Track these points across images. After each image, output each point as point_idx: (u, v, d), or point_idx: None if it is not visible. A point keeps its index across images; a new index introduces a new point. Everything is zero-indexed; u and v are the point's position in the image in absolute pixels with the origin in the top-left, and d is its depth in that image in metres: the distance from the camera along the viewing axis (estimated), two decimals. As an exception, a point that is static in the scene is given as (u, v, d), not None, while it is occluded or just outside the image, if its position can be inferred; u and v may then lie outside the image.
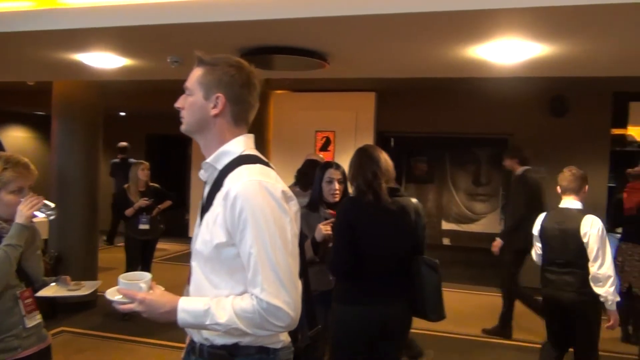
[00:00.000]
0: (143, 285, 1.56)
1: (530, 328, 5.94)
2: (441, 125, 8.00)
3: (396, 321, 2.73)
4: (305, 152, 5.80)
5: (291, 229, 1.54)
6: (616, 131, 7.32)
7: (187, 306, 1.51)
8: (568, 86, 7.15)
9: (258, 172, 1.53)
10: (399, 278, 2.74)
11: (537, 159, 7.51)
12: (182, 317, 1.51)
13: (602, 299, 3.38)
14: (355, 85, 7.76)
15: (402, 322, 2.77)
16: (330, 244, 2.84)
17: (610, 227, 6.98)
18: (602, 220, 3.46)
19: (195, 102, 1.60)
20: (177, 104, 1.65)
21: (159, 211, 5.99)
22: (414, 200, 2.82)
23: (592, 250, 3.40)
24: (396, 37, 3.30)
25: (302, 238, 3.19)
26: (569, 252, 3.50)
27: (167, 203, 6.09)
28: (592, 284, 3.39)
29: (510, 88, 7.18)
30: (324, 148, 8.11)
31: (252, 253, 1.47)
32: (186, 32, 3.32)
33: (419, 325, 2.99)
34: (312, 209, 3.26)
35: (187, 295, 1.63)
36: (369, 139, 7.80)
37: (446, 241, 11.56)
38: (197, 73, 1.61)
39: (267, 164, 1.61)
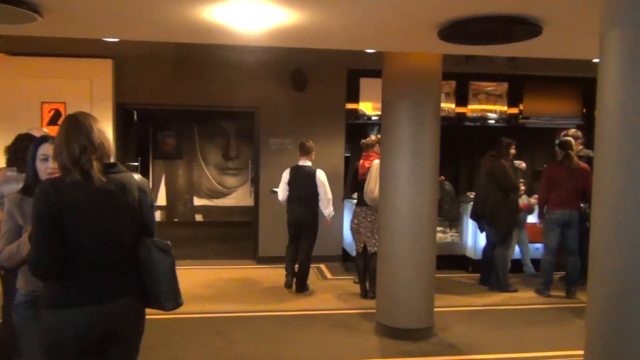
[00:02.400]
0: None
1: (282, 298, 6.12)
2: (188, 97, 7.62)
3: (124, 319, 2.34)
4: (29, 127, 4.87)
5: None
6: (350, 105, 7.91)
7: None
8: (308, 61, 7.44)
9: None
10: (125, 268, 2.35)
11: (285, 132, 7.74)
12: None
13: (326, 214, 6.21)
14: (90, 51, 6.87)
15: (132, 319, 2.40)
16: None
17: (346, 194, 7.61)
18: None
19: None
20: None
21: None
22: (137, 176, 2.44)
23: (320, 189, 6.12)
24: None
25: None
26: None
27: None
28: (321, 207, 6.23)
29: (255, 60, 7.16)
30: (53, 122, 7.03)
31: None
32: None
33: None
34: (27, 194, 2.63)
35: None
36: (106, 112, 7.02)
37: (199, 217, 11.35)
38: None
39: None
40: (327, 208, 6.29)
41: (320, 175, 6.27)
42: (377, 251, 5.37)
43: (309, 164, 6.37)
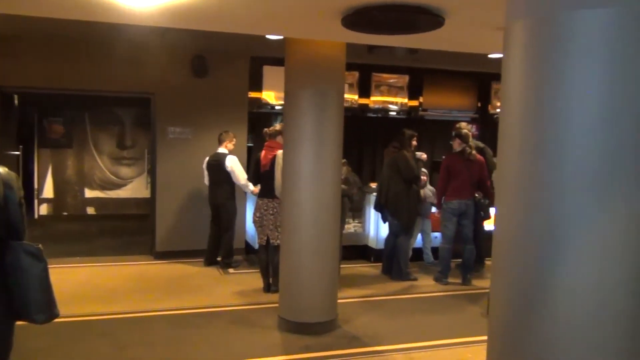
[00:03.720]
0: None
1: (182, 295, 5.82)
2: (77, 81, 7.01)
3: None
4: None
5: None
6: (253, 94, 7.68)
7: None
8: (209, 47, 7.11)
9: None
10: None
11: (184, 120, 7.36)
12: None
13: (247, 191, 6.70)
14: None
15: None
16: None
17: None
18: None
19: None
20: None
21: None
22: (1, 169, 2.11)
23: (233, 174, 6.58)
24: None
25: None
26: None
27: None
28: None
29: (151, 42, 6.72)
30: None
31: None
32: None
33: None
34: None
35: None
36: (-20, 95, 6.30)
37: (91, 210, 10.63)
38: None
39: None
40: (245, 189, 6.79)
41: (228, 161, 6.65)
42: (280, 244, 5.23)
43: (223, 150, 6.79)
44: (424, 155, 7.02)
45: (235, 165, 6.67)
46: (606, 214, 1.83)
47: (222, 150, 6.79)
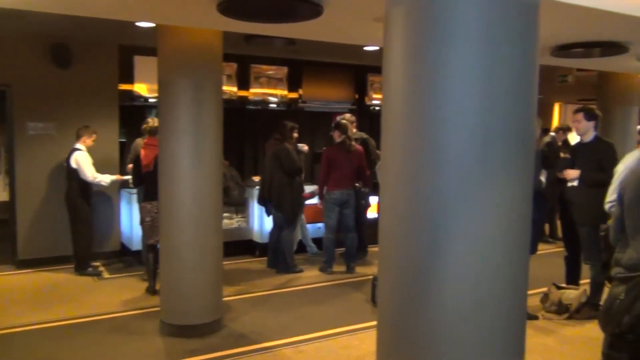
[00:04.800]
0: None
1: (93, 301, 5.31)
2: None
3: None
4: None
5: None
6: (124, 86, 7.20)
7: None
8: (72, 34, 6.53)
9: None
10: None
11: (46, 115, 6.71)
12: None
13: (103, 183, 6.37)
14: None
15: None
16: None
17: (127, 184, 6.91)
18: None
19: None
20: None
21: None
22: None
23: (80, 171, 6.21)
24: None
25: None
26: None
27: None
28: None
29: (5, 28, 6.02)
30: None
31: None
32: None
33: None
34: None
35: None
36: None
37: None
38: None
39: None
40: (99, 184, 6.38)
41: (73, 158, 6.24)
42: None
43: (79, 146, 6.32)
44: (305, 147, 7.04)
45: (82, 161, 6.21)
46: (485, 199, 1.88)
47: (78, 146, 6.30)
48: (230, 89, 7.86)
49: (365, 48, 6.60)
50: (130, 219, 6.82)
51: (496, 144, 1.85)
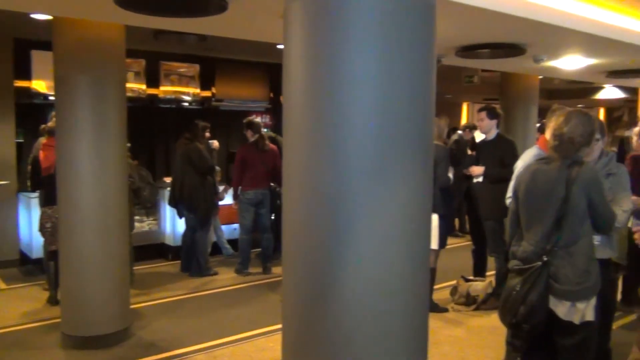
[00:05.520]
0: None
1: None
2: None
3: None
4: None
5: None
6: (20, 83, 6.71)
7: None
8: (-42, 26, 6.00)
9: None
10: None
11: None
12: None
13: None
14: None
15: None
16: None
17: (26, 188, 6.43)
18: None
19: None
20: None
21: None
22: None
23: None
24: None
25: None
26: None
27: None
28: None
29: None
30: None
31: None
32: None
33: None
34: None
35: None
36: None
37: None
38: None
39: None
40: None
41: None
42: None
43: None
44: (215, 143, 6.84)
45: None
46: (385, 197, 1.88)
47: None
48: (139, 86, 7.54)
49: (279, 46, 6.54)
50: (29, 225, 6.37)
51: (395, 143, 1.85)
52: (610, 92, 12.50)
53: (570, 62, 5.92)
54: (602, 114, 16.53)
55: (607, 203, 2.78)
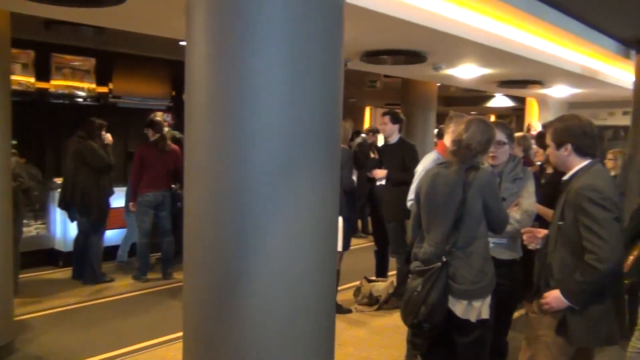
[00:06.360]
0: None
1: None
2: None
3: None
4: None
5: None
6: None
7: None
8: None
9: None
10: None
11: None
12: None
13: None
14: None
15: None
16: None
17: None
18: None
19: None
20: None
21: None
22: None
23: None
24: None
25: None
26: None
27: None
28: None
29: None
30: None
31: None
32: None
33: None
34: None
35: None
36: None
37: None
38: None
39: None
40: None
41: None
42: None
43: None
44: (108, 137, 6.42)
45: None
46: (291, 198, 1.84)
47: None
48: (27, 79, 6.99)
49: (182, 43, 6.32)
50: None
51: (302, 142, 1.82)
52: (500, 100, 13.36)
53: (466, 71, 6.25)
54: (492, 120, 17.64)
55: (501, 206, 2.92)
